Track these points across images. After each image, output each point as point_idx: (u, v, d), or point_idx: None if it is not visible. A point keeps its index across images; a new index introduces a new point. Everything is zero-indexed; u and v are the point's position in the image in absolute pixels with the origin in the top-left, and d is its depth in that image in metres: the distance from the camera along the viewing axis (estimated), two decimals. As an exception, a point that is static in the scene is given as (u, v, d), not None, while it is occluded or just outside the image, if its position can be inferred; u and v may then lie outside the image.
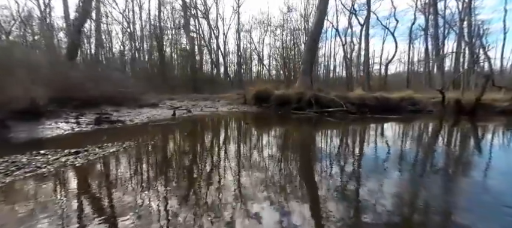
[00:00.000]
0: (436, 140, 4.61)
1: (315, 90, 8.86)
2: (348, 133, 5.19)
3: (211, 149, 3.56)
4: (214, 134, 4.97)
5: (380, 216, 1.50)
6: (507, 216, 1.51)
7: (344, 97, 8.32)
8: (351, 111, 7.70)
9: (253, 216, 1.49)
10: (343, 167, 2.66)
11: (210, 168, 2.56)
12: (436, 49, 19.13)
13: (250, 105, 9.95)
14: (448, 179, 2.34)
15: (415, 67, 27.58)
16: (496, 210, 1.62)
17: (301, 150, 3.66)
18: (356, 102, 8.36)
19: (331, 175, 2.39)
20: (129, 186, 1.98)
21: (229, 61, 30.33)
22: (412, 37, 24.38)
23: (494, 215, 1.55)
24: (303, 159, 3.13)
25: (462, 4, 18.71)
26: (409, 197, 1.87)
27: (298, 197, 1.84)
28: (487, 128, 6.09)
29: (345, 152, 3.46)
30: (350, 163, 2.85)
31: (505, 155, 3.41)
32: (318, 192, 2.01)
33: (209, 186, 2.02)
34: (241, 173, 2.38)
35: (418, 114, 8.49)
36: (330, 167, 2.68)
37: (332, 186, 2.05)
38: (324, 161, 2.94)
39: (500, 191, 1.94)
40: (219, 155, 3.12)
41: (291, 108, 8.41)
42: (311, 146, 3.98)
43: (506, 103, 7.92)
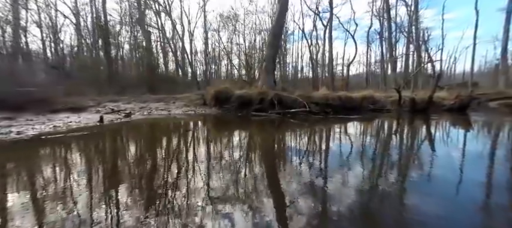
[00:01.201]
0: (398, 137, 4.73)
1: (278, 89, 8.30)
2: (311, 136, 4.63)
3: (111, 178, 2.22)
4: (136, 148, 3.53)
5: (344, 209, 1.58)
6: (447, 198, 1.77)
7: (308, 97, 7.93)
8: (315, 111, 7.31)
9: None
10: (305, 177, 2.26)
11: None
12: (389, 52, 20.68)
13: (210, 106, 8.96)
14: (406, 172, 2.51)
15: (373, 68, 29.77)
16: (441, 195, 1.83)
17: (255, 168, 2.81)
18: (320, 102, 8.05)
19: (294, 190, 1.95)
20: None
21: (196, 61, 28.65)
22: (369, 40, 26.16)
23: (440, 200, 1.74)
24: (259, 180, 2.34)
25: (410, 12, 20.59)
26: (369, 189, 2.01)
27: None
28: (438, 123, 6.28)
29: (309, 160, 2.89)
30: (313, 173, 2.41)
31: (454, 148, 3.64)
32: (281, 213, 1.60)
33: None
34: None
35: (378, 113, 8.59)
36: (291, 182, 2.12)
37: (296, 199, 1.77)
38: (284, 177, 2.28)
39: (446, 180, 2.19)
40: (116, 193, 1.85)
41: (253, 109, 7.70)
42: (270, 157, 3.23)
43: (451, 101, 8.47)
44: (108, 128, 5.00)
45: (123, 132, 4.83)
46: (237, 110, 7.93)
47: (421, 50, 20.42)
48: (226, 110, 8.22)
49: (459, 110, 8.31)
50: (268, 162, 2.94)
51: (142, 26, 17.51)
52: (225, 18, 24.04)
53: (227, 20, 24.75)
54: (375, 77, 27.84)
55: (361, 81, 26.06)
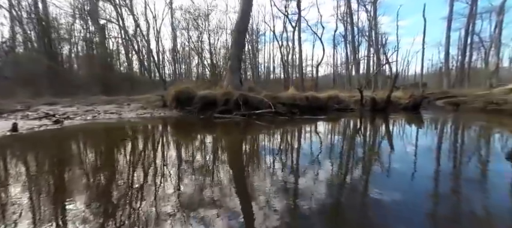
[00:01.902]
0: (361, 136, 4.82)
1: (244, 90, 7.90)
2: (278, 139, 4.29)
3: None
4: (48, 168, 2.53)
5: (313, 206, 1.62)
6: (404, 187, 1.98)
7: (274, 97, 7.68)
8: (281, 112, 7.08)
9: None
10: (273, 182, 2.12)
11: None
12: (353, 54, 21.93)
13: (171, 108, 8.14)
14: (369, 166, 2.65)
15: (339, 69, 31.41)
16: (399, 185, 2.01)
17: (213, 181, 2.24)
18: (287, 102, 7.87)
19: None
20: None
21: (164, 60, 26.81)
22: (336, 43, 27.52)
23: (398, 189, 1.91)
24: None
25: (369, 18, 22.13)
26: (337, 184, 2.10)
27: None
28: (396, 121, 6.59)
29: (275, 165, 2.63)
30: (281, 177, 2.27)
31: (409, 143, 3.91)
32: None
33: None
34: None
35: (342, 113, 8.77)
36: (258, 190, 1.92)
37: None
38: (250, 185, 2.01)
39: (403, 171, 2.40)
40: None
41: (218, 111, 7.16)
42: (231, 165, 2.72)
43: (406, 101, 9.07)
44: (19, 139, 3.96)
45: (43, 144, 3.82)
46: (200, 112, 7.30)
47: (380, 53, 22.12)
48: (189, 112, 7.53)
49: (413, 108, 8.93)
50: (230, 170, 2.49)
51: (94, 19, 15.54)
52: (192, 15, 22.87)
53: (195, 18, 23.62)
54: (341, 78, 29.39)
55: (329, 81, 27.23)
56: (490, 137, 4.50)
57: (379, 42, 21.98)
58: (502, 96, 7.72)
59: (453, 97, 10.93)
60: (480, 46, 19.42)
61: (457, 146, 3.77)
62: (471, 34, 17.87)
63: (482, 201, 1.75)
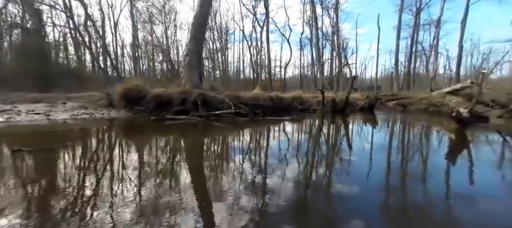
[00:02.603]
0: (324, 135, 4.94)
1: (206, 89, 7.35)
2: (238, 142, 3.91)
3: None
4: None
5: (280, 205, 1.64)
6: (362, 181, 2.17)
7: (237, 97, 7.32)
8: (244, 113, 6.75)
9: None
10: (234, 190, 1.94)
11: None
12: (318, 56, 22.93)
13: (118, 108, 7.13)
14: (331, 163, 2.79)
15: (306, 71, 32.65)
16: (358, 180, 2.18)
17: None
18: (250, 102, 7.58)
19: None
20: None
21: (123, 55, 24.18)
22: (302, 45, 28.50)
23: (357, 183, 2.07)
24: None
25: (332, 23, 23.42)
26: (303, 182, 2.17)
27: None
28: (354, 121, 6.87)
29: (234, 172, 2.29)
30: (242, 182, 2.11)
31: (365, 141, 4.21)
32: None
33: None
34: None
35: (306, 113, 8.87)
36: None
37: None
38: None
39: (359, 167, 2.59)
40: None
41: (173, 111, 6.48)
42: (182, 177, 2.23)
43: (363, 102, 9.63)
44: None
45: None
46: (153, 113, 6.51)
47: (341, 56, 23.58)
48: (139, 113, 6.67)
49: (368, 109, 9.51)
50: (177, 183, 1.98)
51: (27, 2, 13.04)
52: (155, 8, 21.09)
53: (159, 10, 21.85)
54: (308, 79, 30.58)
55: (297, 82, 28.05)
56: (430, 135, 4.90)
57: (340, 47, 23.41)
58: (439, 99, 8.70)
59: (401, 99, 12.08)
60: (422, 54, 22.14)
61: (405, 144, 4.14)
62: (416, 43, 20.24)
63: (424, 191, 1.98)
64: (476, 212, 1.59)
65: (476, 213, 1.57)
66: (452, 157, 3.11)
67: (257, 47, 26.11)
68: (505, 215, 1.55)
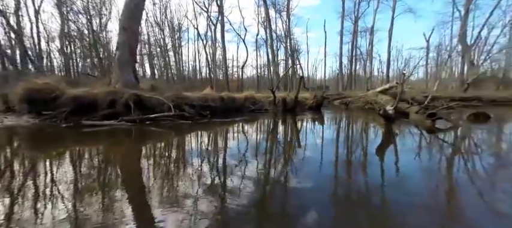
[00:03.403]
0: (274, 134, 4.92)
1: (142, 88, 6.39)
2: (174, 152, 3.32)
3: None
4: None
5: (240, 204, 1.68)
6: (315, 174, 2.36)
7: (182, 98, 6.62)
8: (188, 115, 6.11)
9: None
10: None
11: None
12: (272, 57, 23.53)
13: (20, 113, 5.56)
14: (285, 160, 2.93)
15: (262, 71, 33.22)
16: (311, 173, 2.37)
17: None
18: (197, 103, 6.97)
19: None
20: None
21: (49, 49, 19.71)
22: (258, 46, 28.87)
23: (310, 177, 2.27)
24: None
25: (285, 26, 24.42)
26: (262, 180, 2.23)
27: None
28: (303, 119, 7.02)
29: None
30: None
31: (317, 137, 4.53)
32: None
33: None
34: None
35: (258, 113, 8.75)
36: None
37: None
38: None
39: (311, 161, 2.82)
40: None
41: (100, 116, 5.38)
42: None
43: (311, 101, 10.10)
44: None
45: None
46: (69, 118, 5.26)
47: (294, 58, 24.80)
48: (51, 119, 5.30)
49: (316, 108, 10.03)
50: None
51: None
52: None
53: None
54: (265, 79, 31.15)
55: (254, 83, 28.21)
56: (366, 129, 5.32)
57: (293, 49, 24.58)
58: (373, 97, 9.78)
59: (344, 98, 13.28)
60: (361, 58, 25.12)
61: (346, 138, 4.49)
62: (355, 48, 22.79)
63: (365, 180, 2.23)
64: (401, 191, 1.96)
65: (401, 191, 1.95)
66: (382, 147, 3.58)
67: (213, 46, 25.24)
68: (424, 191, 2.00)
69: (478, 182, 2.19)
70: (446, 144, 3.76)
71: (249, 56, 25.86)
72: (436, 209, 1.66)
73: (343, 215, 1.61)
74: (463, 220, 1.52)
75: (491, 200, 1.78)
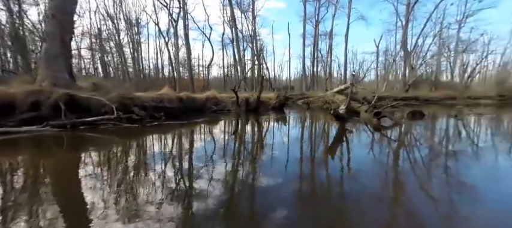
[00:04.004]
0: (238, 135, 4.67)
1: (78, 87, 5.48)
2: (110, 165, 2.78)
3: None
4: None
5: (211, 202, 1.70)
6: (281, 171, 2.45)
7: (130, 98, 5.90)
8: (137, 117, 5.46)
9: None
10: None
11: None
12: (238, 57, 23.31)
13: None
14: (252, 160, 2.97)
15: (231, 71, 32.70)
16: (277, 170, 2.47)
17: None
18: (150, 104, 6.32)
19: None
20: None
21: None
22: (224, 45, 28.31)
23: (277, 174, 2.37)
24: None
25: (251, 27, 24.45)
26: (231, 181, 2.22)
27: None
28: (266, 119, 6.98)
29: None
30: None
31: (282, 135, 4.67)
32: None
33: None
34: None
35: (221, 114, 8.43)
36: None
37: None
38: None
39: (276, 160, 2.88)
40: None
41: (18, 121, 4.38)
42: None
43: (274, 101, 10.20)
44: None
45: None
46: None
47: (260, 58, 25.02)
48: None
49: (279, 107, 10.17)
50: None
51: None
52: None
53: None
54: (232, 79, 30.70)
55: (222, 83, 27.53)
56: (323, 127, 5.51)
57: (258, 49, 24.79)
58: (331, 97, 10.37)
59: (307, 98, 13.85)
60: (322, 60, 26.68)
61: (305, 136, 4.59)
62: (317, 50, 24.10)
63: (324, 174, 2.39)
64: (355, 181, 2.19)
65: (355, 181, 2.18)
66: (337, 144, 3.84)
67: (176, 44, 23.81)
68: (375, 181, 2.23)
69: (418, 171, 2.49)
70: (390, 140, 4.06)
71: (215, 55, 25.08)
72: (386, 196, 1.90)
73: (308, 207, 1.71)
74: (407, 205, 1.74)
75: (428, 186, 2.06)
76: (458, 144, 3.79)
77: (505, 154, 3.18)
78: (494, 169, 2.55)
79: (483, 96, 15.62)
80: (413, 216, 1.55)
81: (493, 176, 2.31)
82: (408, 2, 19.86)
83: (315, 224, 1.44)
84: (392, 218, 1.57)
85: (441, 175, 2.35)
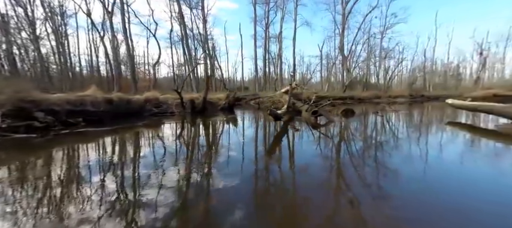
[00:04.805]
0: (183, 139, 4.35)
1: None
2: None
3: None
4: None
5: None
6: (233, 171, 2.50)
7: (32, 101, 4.66)
8: (40, 124, 4.35)
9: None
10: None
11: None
12: (189, 56, 22.05)
13: None
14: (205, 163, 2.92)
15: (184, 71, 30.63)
16: (232, 170, 2.50)
17: None
18: (64, 108, 5.16)
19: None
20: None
21: None
22: (172, 42, 26.38)
23: (230, 173, 2.40)
24: None
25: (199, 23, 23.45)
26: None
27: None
28: (215, 121, 6.65)
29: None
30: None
31: (233, 135, 4.66)
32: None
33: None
34: None
35: (163, 117, 7.64)
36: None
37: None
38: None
39: (232, 159, 2.95)
40: None
41: None
42: None
43: (224, 102, 9.93)
44: None
45: None
46: None
47: (212, 58, 24.30)
48: None
49: (229, 108, 9.95)
50: None
51: None
52: None
53: None
54: (182, 79, 28.77)
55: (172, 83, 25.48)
56: (269, 128, 5.52)
57: (209, 48, 24.05)
58: (279, 98, 10.76)
59: (259, 98, 14.06)
60: (273, 61, 27.77)
61: (251, 138, 4.40)
62: (267, 52, 24.91)
63: (281, 174, 2.44)
64: (298, 176, 2.39)
65: (298, 176, 2.39)
66: (280, 142, 4.05)
67: (113, 39, 20.85)
68: (318, 173, 2.46)
69: (354, 161, 2.81)
70: (325, 136, 4.34)
71: (163, 54, 23.10)
72: (329, 186, 2.13)
73: (263, 203, 1.80)
74: (347, 192, 1.97)
75: (362, 175, 2.33)
76: (380, 136, 4.36)
77: (416, 141, 3.83)
78: (409, 154, 3.09)
79: (400, 96, 18.99)
80: (353, 201, 1.78)
81: (409, 159, 2.82)
82: (343, 12, 22.56)
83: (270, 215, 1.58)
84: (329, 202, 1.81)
85: (371, 163, 2.72)
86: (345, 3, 22.38)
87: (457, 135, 4.33)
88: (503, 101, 5.75)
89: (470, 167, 2.57)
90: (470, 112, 6.93)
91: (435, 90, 25.30)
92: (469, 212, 1.56)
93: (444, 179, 2.16)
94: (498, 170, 2.47)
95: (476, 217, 1.50)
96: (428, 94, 20.87)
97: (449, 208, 1.61)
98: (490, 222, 1.45)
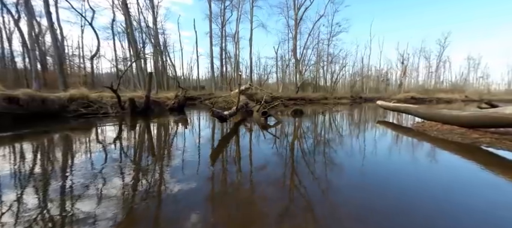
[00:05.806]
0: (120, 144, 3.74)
1: None
2: None
3: None
4: None
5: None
6: (192, 172, 2.38)
7: None
8: None
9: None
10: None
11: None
12: (134, 50, 19.75)
13: None
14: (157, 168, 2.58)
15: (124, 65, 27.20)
16: (190, 172, 2.37)
17: None
18: None
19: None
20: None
21: None
22: (115, 34, 23.21)
23: (189, 174, 2.29)
24: None
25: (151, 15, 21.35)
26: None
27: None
28: (160, 123, 5.90)
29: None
30: None
31: (189, 138, 4.20)
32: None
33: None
34: None
35: (93, 119, 6.44)
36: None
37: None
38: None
39: (187, 160, 2.80)
40: None
41: None
42: None
43: (172, 102, 9.12)
44: None
45: None
46: None
47: (163, 54, 22.39)
48: None
49: (179, 108, 9.18)
50: None
51: None
52: None
53: None
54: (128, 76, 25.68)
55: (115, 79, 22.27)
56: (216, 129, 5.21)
57: (160, 43, 22.10)
58: (233, 98, 10.55)
59: (214, 97, 13.53)
60: (230, 61, 27.43)
61: (194, 140, 4.05)
62: (224, 51, 24.44)
63: (251, 173, 2.40)
64: (263, 171, 2.42)
65: (263, 172, 2.42)
66: (229, 143, 3.87)
67: (31, 24, 16.99)
68: (273, 170, 2.47)
69: (307, 158, 2.92)
70: (273, 136, 4.29)
71: (104, 46, 19.97)
72: (283, 183, 2.13)
73: (222, 202, 1.75)
74: (300, 188, 2.01)
75: (314, 170, 2.45)
76: (324, 135, 4.60)
77: (356, 138, 4.22)
78: (351, 149, 3.39)
79: (343, 97, 21.23)
80: (304, 194, 1.87)
81: (351, 154, 3.13)
82: (296, 17, 23.93)
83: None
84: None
85: (322, 160, 2.85)
86: (297, 9, 23.80)
87: (385, 132, 4.91)
88: (418, 103, 6.91)
89: (395, 159, 2.96)
90: (394, 112, 8.11)
91: (370, 93, 29.35)
92: (390, 193, 1.88)
93: (376, 170, 2.50)
94: (415, 162, 2.83)
95: (395, 196, 1.83)
96: (365, 96, 24.03)
97: (379, 192, 1.94)
98: (402, 198, 1.79)
